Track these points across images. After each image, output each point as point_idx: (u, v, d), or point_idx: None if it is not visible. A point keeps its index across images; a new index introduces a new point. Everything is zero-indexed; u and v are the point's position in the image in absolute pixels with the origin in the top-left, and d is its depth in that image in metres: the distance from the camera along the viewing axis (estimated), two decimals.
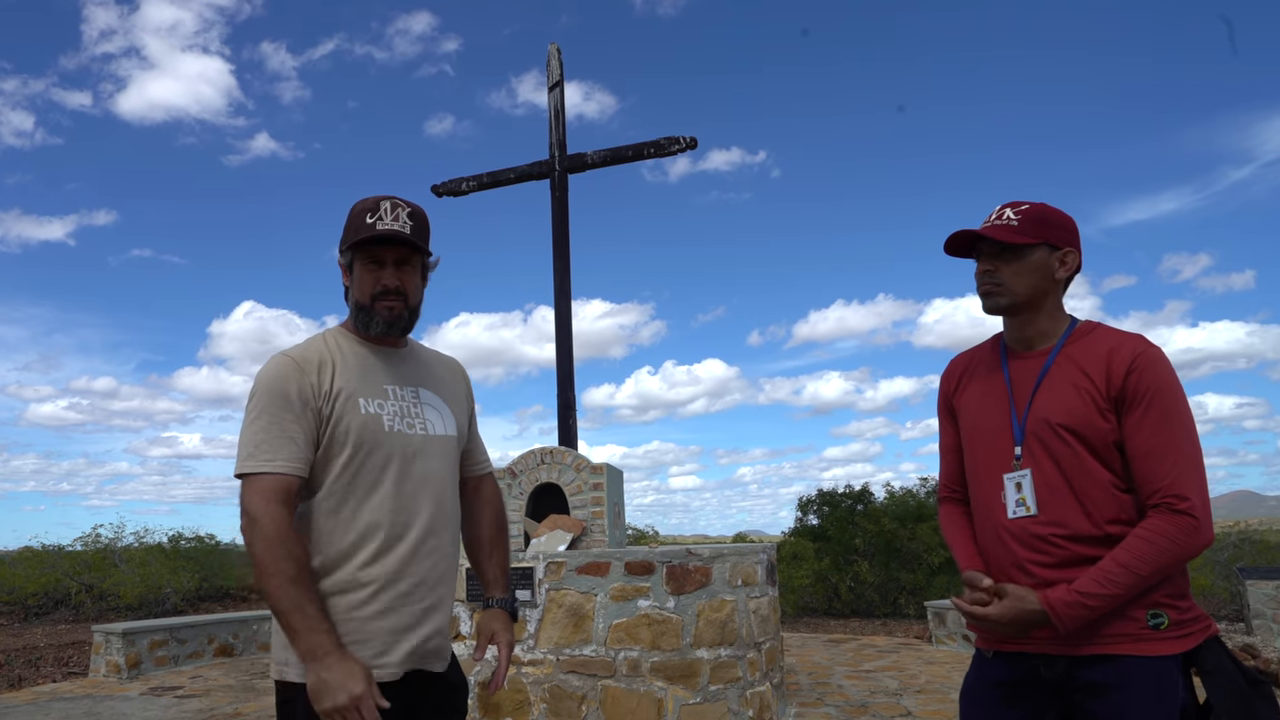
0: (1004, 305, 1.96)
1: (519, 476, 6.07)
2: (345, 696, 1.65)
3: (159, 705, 6.62)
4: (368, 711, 1.66)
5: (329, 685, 1.66)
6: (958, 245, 2.04)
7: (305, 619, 1.69)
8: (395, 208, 1.93)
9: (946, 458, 2.16)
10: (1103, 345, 1.87)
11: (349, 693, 1.65)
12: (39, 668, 9.07)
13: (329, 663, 1.67)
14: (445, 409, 2.08)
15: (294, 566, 1.71)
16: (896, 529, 12.86)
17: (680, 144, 6.45)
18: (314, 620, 1.70)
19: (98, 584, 15.07)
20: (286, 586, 1.70)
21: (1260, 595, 8.34)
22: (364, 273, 1.95)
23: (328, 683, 1.66)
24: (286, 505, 1.77)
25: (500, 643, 2.07)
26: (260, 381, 1.87)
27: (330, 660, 1.68)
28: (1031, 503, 1.87)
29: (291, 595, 1.70)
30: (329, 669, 1.67)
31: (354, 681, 1.67)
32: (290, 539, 1.73)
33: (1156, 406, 1.79)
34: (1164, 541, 1.72)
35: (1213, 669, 1.75)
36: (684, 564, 4.91)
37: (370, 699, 1.67)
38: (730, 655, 4.88)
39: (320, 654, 1.68)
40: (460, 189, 7.07)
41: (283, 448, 1.80)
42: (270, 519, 1.73)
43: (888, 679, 6.81)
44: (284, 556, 1.71)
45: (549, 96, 6.95)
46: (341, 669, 1.67)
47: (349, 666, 1.68)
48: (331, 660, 1.68)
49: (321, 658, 1.68)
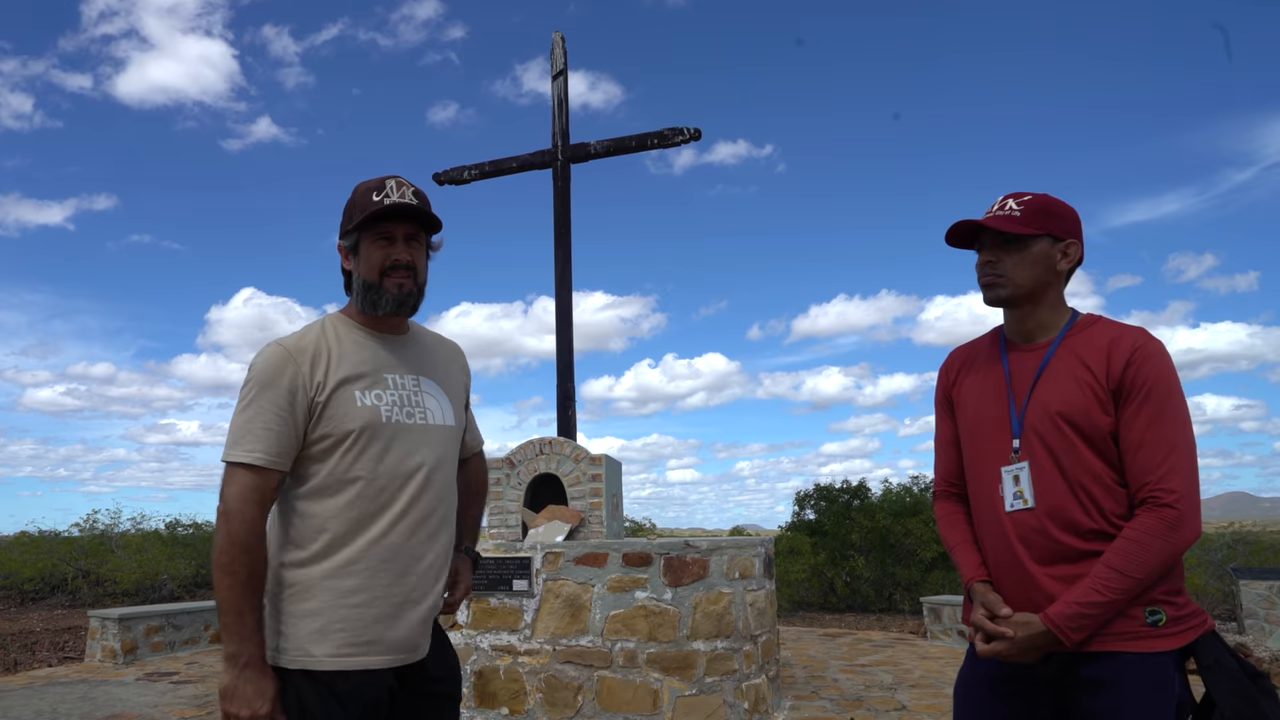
0: (1005, 297, 1.95)
1: (518, 467, 6.07)
2: (248, 711, 1.74)
3: (155, 691, 6.63)
4: None
5: (239, 693, 1.75)
6: (959, 236, 2.02)
7: (241, 626, 1.76)
8: (401, 186, 1.93)
9: (944, 451, 2.14)
10: (1103, 337, 1.86)
11: (252, 709, 1.74)
12: (35, 652, 9.07)
13: (248, 674, 1.75)
14: (445, 398, 2.05)
15: (247, 573, 1.77)
16: (892, 524, 12.87)
17: (684, 135, 6.43)
18: (249, 630, 1.77)
19: (94, 570, 15.04)
20: (236, 589, 1.76)
21: (1253, 595, 8.36)
22: (373, 249, 1.92)
23: (239, 690, 1.75)
24: (261, 506, 1.81)
25: (460, 582, 2.20)
26: (253, 370, 1.86)
27: (250, 673, 1.76)
28: (1029, 496, 1.86)
29: (238, 599, 1.76)
30: (246, 680, 1.75)
31: (261, 700, 1.75)
32: (254, 545, 1.79)
33: (1152, 400, 1.78)
34: (1154, 541, 1.72)
35: (1212, 663, 1.75)
36: (682, 556, 4.92)
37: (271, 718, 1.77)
38: (727, 648, 4.89)
39: (242, 662, 1.76)
40: (462, 178, 7.05)
41: (264, 439, 1.80)
42: (242, 520, 1.78)
43: (883, 673, 6.83)
44: (243, 561, 1.77)
45: (552, 85, 6.93)
46: (256, 684, 1.76)
47: (262, 685, 1.76)
48: (251, 673, 1.76)
49: (243, 666, 1.75)
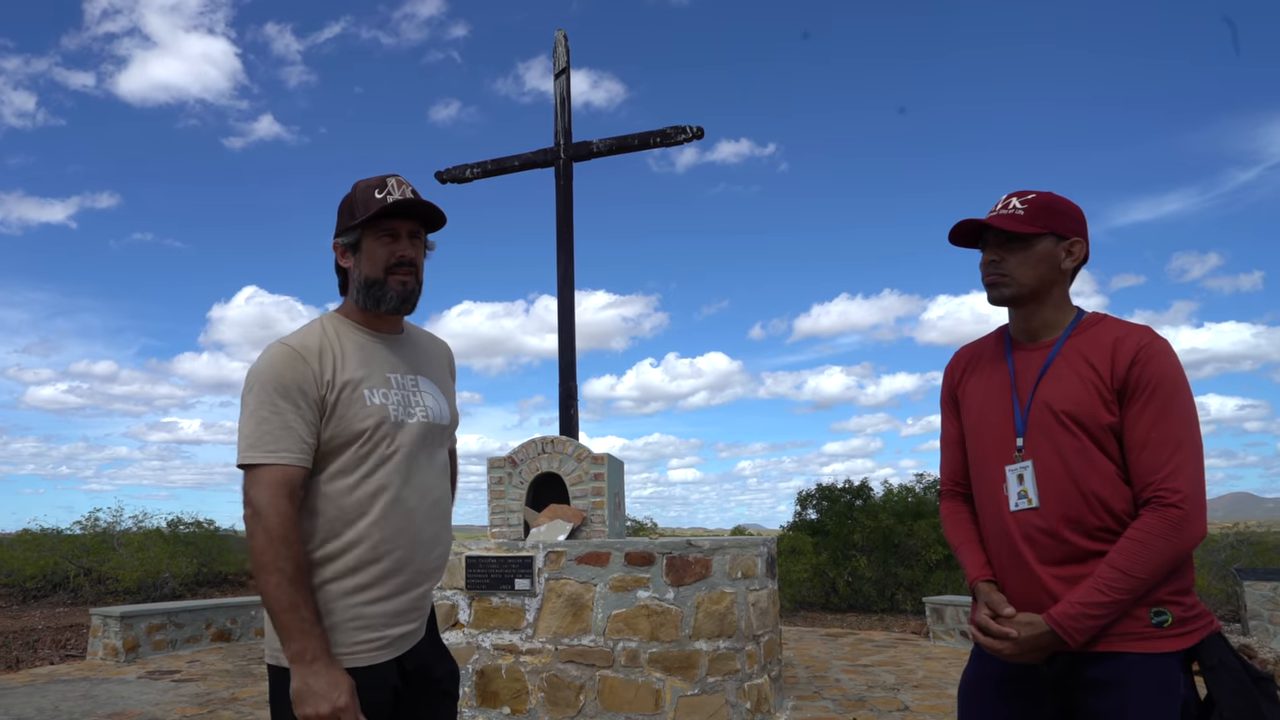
0: (1010, 296, 1.93)
1: (520, 465, 6.06)
2: (327, 706, 1.65)
3: (156, 689, 6.63)
4: None
5: (313, 691, 1.66)
6: (963, 235, 2.01)
7: (299, 620, 1.68)
8: (401, 184, 1.92)
9: (949, 450, 2.13)
10: (1108, 336, 1.85)
11: (331, 703, 1.65)
12: (37, 650, 9.09)
13: (316, 669, 1.67)
14: (441, 395, 2.07)
15: (293, 566, 1.70)
16: (895, 524, 12.86)
17: (686, 134, 6.41)
18: (307, 624, 1.69)
19: (96, 567, 15.07)
20: (284, 585, 1.69)
21: (1257, 596, 8.35)
22: (376, 246, 1.91)
23: (312, 689, 1.66)
24: (292, 500, 1.75)
25: None
26: (260, 370, 1.83)
27: (317, 667, 1.67)
28: (1033, 494, 1.85)
29: (289, 594, 1.69)
30: (315, 675, 1.67)
31: (337, 692, 1.67)
32: (293, 538, 1.72)
33: (1158, 398, 1.77)
34: (1158, 541, 1.70)
35: (1215, 664, 1.73)
36: (684, 555, 4.90)
37: (352, 711, 1.67)
38: (729, 647, 4.88)
39: (309, 658, 1.68)
40: (464, 176, 7.04)
41: (285, 438, 1.77)
42: (275, 513, 1.71)
43: (885, 673, 6.82)
44: (285, 555, 1.70)
45: (555, 84, 6.92)
46: (327, 677, 1.67)
47: (334, 676, 1.68)
48: (319, 667, 1.67)
49: (309, 663, 1.67)
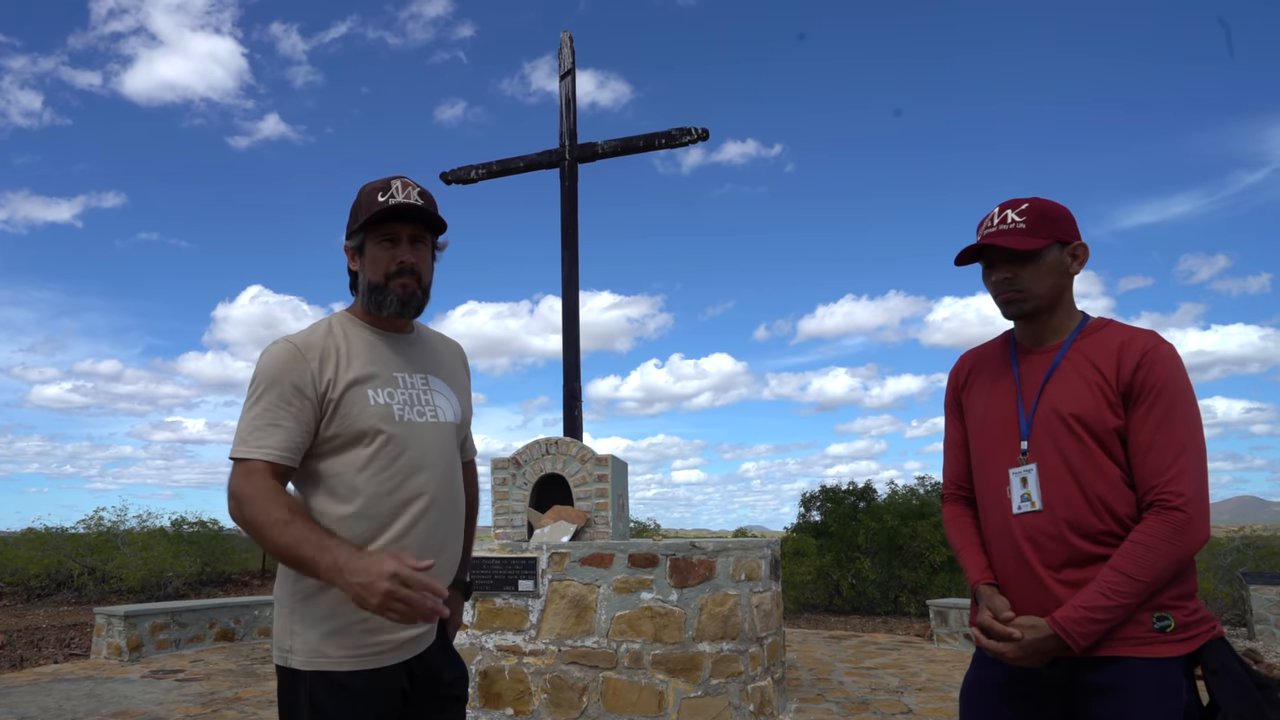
0: (1029, 310, 1.93)
1: (524, 466, 6.06)
2: (384, 584, 1.57)
3: (160, 688, 6.64)
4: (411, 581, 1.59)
5: (366, 585, 1.58)
6: (968, 255, 2.00)
7: (314, 545, 1.65)
8: (406, 186, 1.92)
9: (953, 453, 2.14)
10: (1114, 340, 1.86)
11: (384, 577, 1.58)
12: (41, 649, 9.10)
13: (354, 567, 1.60)
14: (452, 396, 2.06)
15: (286, 511, 1.69)
16: (899, 526, 12.83)
17: (692, 135, 6.41)
18: (323, 541, 1.65)
19: (100, 566, 15.10)
20: (283, 529, 1.66)
21: (1263, 600, 8.32)
22: (378, 251, 1.92)
23: (363, 582, 1.58)
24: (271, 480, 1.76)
25: (452, 621, 2.10)
26: (260, 366, 1.84)
27: (354, 564, 1.61)
28: (1037, 498, 1.85)
29: (293, 533, 1.66)
30: (355, 574, 1.59)
31: (381, 566, 1.59)
32: (276, 491, 1.72)
33: (1162, 402, 1.77)
34: (1161, 545, 1.70)
35: (1218, 669, 1.73)
36: (688, 557, 4.90)
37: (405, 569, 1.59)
38: (732, 649, 4.88)
39: (341, 563, 1.62)
40: (469, 177, 7.04)
41: (273, 435, 1.78)
42: (253, 486, 1.72)
43: (889, 676, 6.80)
44: (274, 505, 1.69)
45: (560, 85, 6.92)
46: (365, 565, 1.60)
47: (369, 560, 1.61)
48: (355, 564, 1.61)
49: (344, 566, 1.61)
